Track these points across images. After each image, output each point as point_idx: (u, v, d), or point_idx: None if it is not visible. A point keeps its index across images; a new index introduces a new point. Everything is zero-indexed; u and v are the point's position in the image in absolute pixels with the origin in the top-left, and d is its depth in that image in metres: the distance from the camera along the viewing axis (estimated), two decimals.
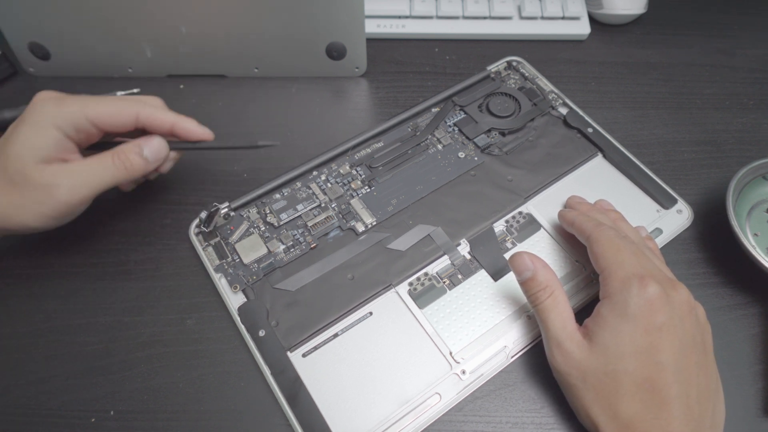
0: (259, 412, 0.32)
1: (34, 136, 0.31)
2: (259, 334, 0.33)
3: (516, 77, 0.45)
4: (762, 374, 0.33)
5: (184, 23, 0.42)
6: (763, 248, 0.37)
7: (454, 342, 0.33)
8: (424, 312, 0.34)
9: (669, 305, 0.28)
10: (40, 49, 0.45)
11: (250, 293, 0.35)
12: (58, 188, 0.31)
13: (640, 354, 0.27)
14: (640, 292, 0.28)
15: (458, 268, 0.36)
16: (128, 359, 0.33)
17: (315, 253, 0.36)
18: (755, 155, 0.41)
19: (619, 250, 0.30)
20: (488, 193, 0.39)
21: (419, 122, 0.43)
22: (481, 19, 0.50)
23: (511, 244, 0.37)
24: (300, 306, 0.34)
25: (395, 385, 0.31)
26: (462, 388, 0.31)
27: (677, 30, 0.51)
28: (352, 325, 0.34)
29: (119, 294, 0.36)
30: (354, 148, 0.41)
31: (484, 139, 0.41)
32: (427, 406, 0.31)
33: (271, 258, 0.36)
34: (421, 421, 0.31)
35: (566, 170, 0.40)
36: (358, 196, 0.38)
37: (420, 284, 0.35)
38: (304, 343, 0.33)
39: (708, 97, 0.46)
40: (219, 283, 0.35)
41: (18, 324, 0.35)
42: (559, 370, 0.29)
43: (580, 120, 0.42)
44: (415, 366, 0.32)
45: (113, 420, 0.31)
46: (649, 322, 0.27)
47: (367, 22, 0.48)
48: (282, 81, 0.47)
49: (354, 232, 0.37)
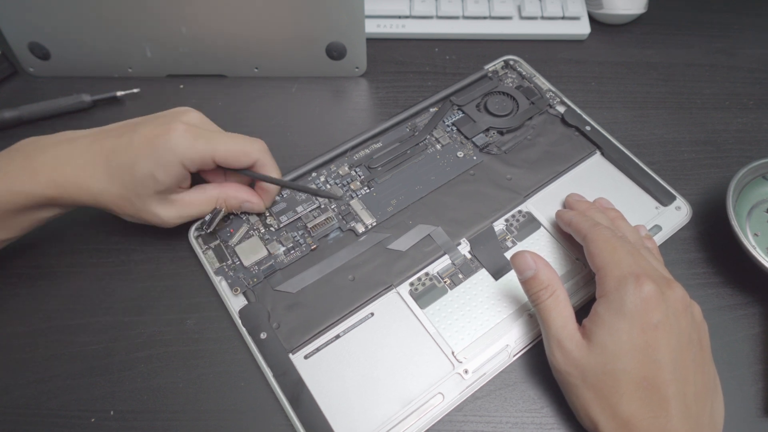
0: (259, 412, 0.32)
1: (161, 172, 0.32)
2: (261, 337, 0.33)
3: (513, 76, 0.45)
4: (762, 374, 0.33)
5: (184, 23, 0.42)
6: (763, 248, 0.37)
7: (456, 341, 0.33)
8: (426, 312, 0.34)
9: (664, 303, 0.28)
10: (40, 49, 0.45)
11: (251, 296, 0.34)
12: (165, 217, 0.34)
13: (637, 352, 0.27)
14: (636, 290, 0.28)
15: (459, 267, 0.36)
16: (128, 359, 0.33)
17: (315, 254, 0.36)
18: (755, 155, 0.41)
19: (614, 250, 0.30)
20: (488, 192, 0.39)
21: (417, 122, 0.43)
22: (481, 19, 0.50)
23: (512, 243, 0.37)
24: (301, 308, 0.34)
25: (398, 385, 0.31)
26: (465, 387, 0.31)
27: (677, 30, 0.51)
28: (353, 326, 0.34)
29: (119, 294, 0.36)
30: (353, 149, 0.41)
31: (482, 138, 0.41)
32: (430, 406, 0.31)
33: (271, 260, 0.36)
34: (424, 422, 0.30)
35: (565, 168, 0.40)
36: (358, 197, 0.38)
37: (421, 284, 0.35)
38: (306, 345, 0.33)
39: (708, 97, 0.46)
40: (219, 285, 0.35)
41: (18, 324, 0.35)
42: (558, 370, 0.29)
43: (578, 118, 0.42)
44: (418, 366, 0.32)
45: (113, 420, 0.31)
46: (645, 320, 0.27)
47: (367, 22, 0.48)
48: (282, 81, 0.47)
49: (354, 233, 0.37)
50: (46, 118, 0.44)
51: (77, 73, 0.46)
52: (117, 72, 0.46)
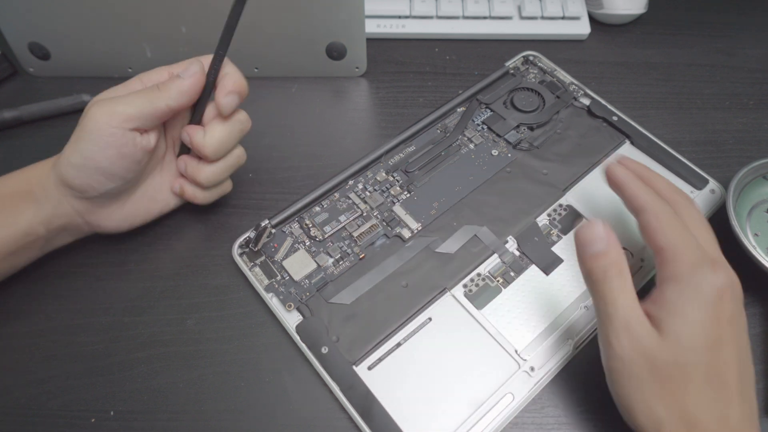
0: (260, 412, 0.32)
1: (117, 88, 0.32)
2: (323, 351, 0.32)
3: (535, 71, 0.46)
4: (762, 374, 0.33)
5: (184, 23, 0.42)
6: (763, 248, 0.37)
7: (518, 340, 0.33)
8: (483, 312, 0.34)
9: (735, 296, 0.26)
10: (40, 49, 0.45)
11: (305, 310, 0.34)
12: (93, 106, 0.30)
13: (711, 347, 0.25)
14: (714, 279, 0.25)
15: (509, 265, 0.36)
16: (128, 359, 0.33)
17: (365, 263, 0.36)
18: (755, 155, 0.41)
19: (684, 230, 0.27)
20: (526, 188, 0.39)
21: (447, 123, 0.43)
22: (481, 19, 0.50)
23: (557, 237, 0.37)
24: (358, 318, 0.33)
25: (466, 388, 0.31)
26: (533, 384, 0.31)
27: (677, 30, 0.51)
28: (413, 333, 0.33)
29: (119, 294, 0.36)
30: (387, 153, 0.41)
31: (513, 135, 0.41)
32: (501, 406, 0.30)
33: (321, 272, 0.35)
34: (497, 423, 0.30)
35: (598, 159, 0.40)
36: (400, 202, 0.38)
37: (474, 285, 0.35)
38: (368, 356, 0.32)
39: (708, 97, 0.46)
40: (271, 302, 0.34)
41: (18, 324, 0.35)
42: (621, 357, 0.26)
43: (604, 109, 0.43)
44: (483, 367, 0.32)
45: (113, 420, 0.31)
46: (721, 312, 0.25)
47: (367, 22, 0.48)
48: (282, 81, 0.47)
49: (401, 239, 0.37)
50: (46, 118, 0.44)
51: (77, 73, 0.46)
52: (117, 72, 0.46)
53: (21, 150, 0.43)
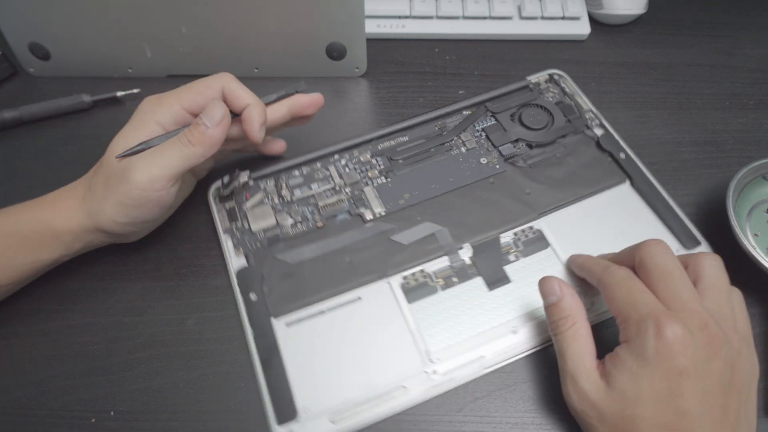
0: (259, 412, 0.32)
1: (132, 132, 0.33)
2: (251, 298, 0.34)
3: (555, 91, 0.44)
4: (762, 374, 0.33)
5: (184, 23, 0.42)
6: (763, 248, 0.37)
7: (433, 341, 0.33)
8: (412, 307, 0.34)
9: (692, 347, 0.25)
10: (40, 49, 0.45)
11: (251, 258, 0.36)
12: (131, 170, 0.31)
13: (658, 400, 0.25)
14: (657, 335, 0.26)
15: (456, 271, 0.36)
16: (128, 359, 0.33)
17: (321, 232, 0.37)
18: (755, 155, 0.41)
19: (630, 291, 0.28)
20: (503, 202, 0.38)
21: (448, 122, 0.43)
22: (481, 19, 0.50)
23: (514, 257, 0.36)
24: (294, 278, 0.35)
25: (367, 371, 0.32)
26: (429, 387, 0.32)
27: (677, 30, 0.51)
28: (339, 306, 0.34)
29: (119, 294, 0.36)
30: (380, 138, 0.41)
31: (509, 148, 0.41)
32: (391, 397, 0.31)
33: (277, 229, 0.37)
34: (383, 410, 0.31)
35: (589, 192, 0.38)
36: (373, 185, 0.39)
37: (414, 280, 0.35)
38: (290, 314, 0.34)
39: (708, 97, 0.46)
40: (225, 244, 0.36)
41: (18, 324, 0.35)
42: (574, 408, 0.28)
43: (614, 144, 0.41)
44: (390, 356, 0.32)
45: (113, 420, 0.31)
46: (669, 366, 0.25)
47: (367, 22, 0.48)
48: (282, 81, 0.47)
49: (361, 219, 0.37)
50: (47, 119, 0.44)
51: (77, 73, 0.46)
52: (117, 72, 0.46)
53: (21, 150, 0.43)
